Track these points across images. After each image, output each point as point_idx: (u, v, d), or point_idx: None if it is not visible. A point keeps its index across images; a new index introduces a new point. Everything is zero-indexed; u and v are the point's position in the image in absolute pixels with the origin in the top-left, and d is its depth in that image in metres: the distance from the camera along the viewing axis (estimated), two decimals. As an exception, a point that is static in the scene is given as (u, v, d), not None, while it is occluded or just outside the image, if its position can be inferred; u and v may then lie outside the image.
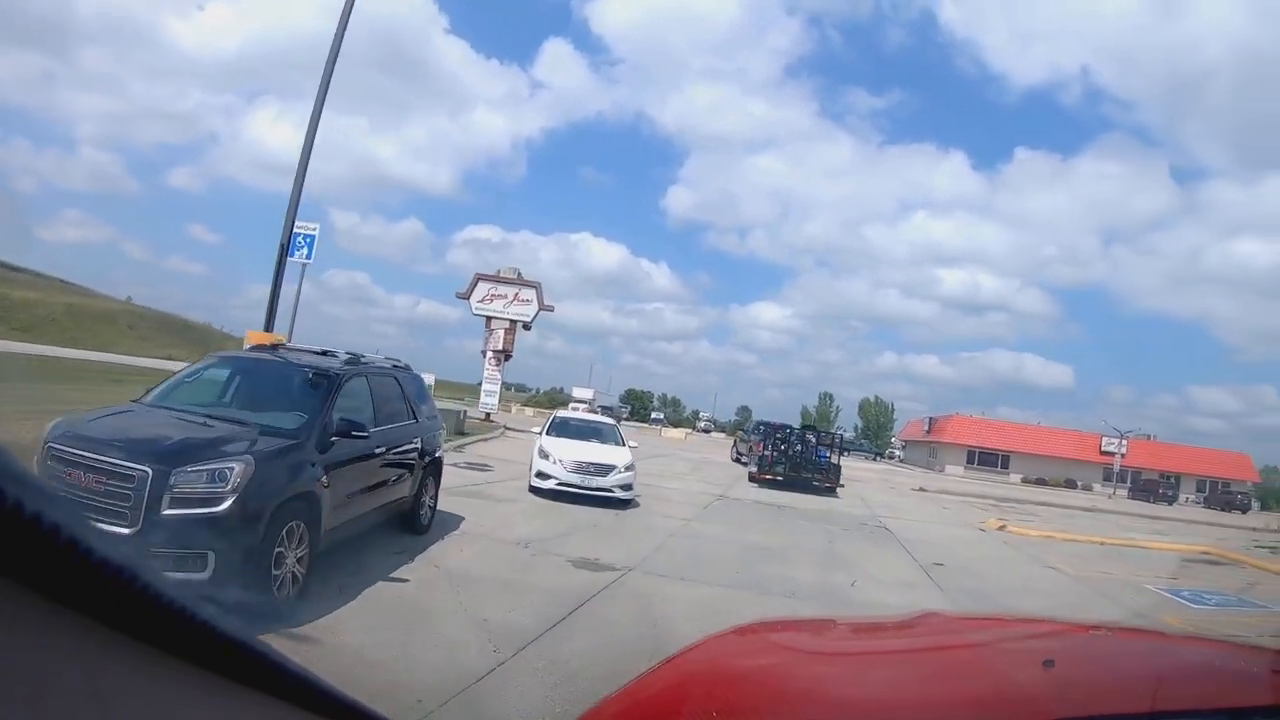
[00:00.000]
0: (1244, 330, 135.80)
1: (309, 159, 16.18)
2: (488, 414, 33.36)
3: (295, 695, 0.96)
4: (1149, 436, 66.53)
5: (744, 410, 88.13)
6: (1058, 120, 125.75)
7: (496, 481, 15.24)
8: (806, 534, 14.12)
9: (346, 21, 15.69)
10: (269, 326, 15.91)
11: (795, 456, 24.01)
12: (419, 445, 9.18)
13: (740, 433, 41.53)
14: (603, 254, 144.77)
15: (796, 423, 33.15)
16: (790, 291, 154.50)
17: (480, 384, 35.61)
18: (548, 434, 15.35)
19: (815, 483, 23.21)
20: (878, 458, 77.31)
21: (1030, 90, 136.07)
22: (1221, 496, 55.54)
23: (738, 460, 32.83)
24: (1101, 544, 17.33)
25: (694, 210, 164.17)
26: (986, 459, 67.11)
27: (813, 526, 15.32)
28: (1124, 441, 56.82)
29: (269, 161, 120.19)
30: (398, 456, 8.55)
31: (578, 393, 72.16)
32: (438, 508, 9.88)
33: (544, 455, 14.15)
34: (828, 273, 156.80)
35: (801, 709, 1.78)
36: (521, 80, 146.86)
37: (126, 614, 0.75)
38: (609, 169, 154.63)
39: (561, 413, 18.28)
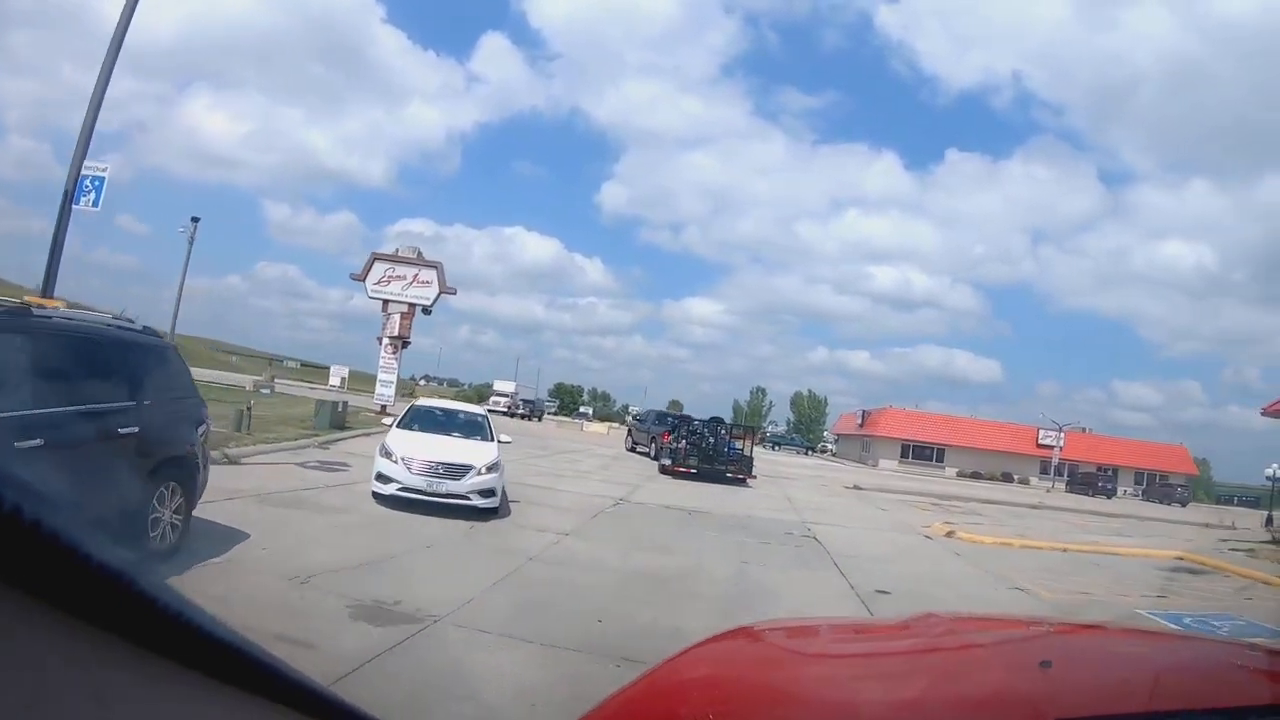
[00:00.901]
0: (1168, 328, 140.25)
1: (104, 94, 13.35)
2: (383, 406, 30.02)
3: (291, 699, 0.96)
4: (1084, 429, 66.15)
5: (675, 404, 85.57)
6: (989, 123, 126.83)
7: (341, 485, 12.47)
8: (715, 551, 11.19)
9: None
10: (48, 290, 12.74)
11: (707, 449, 23.96)
12: (139, 438, 6.67)
13: (635, 421, 38.96)
14: (537, 248, 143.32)
15: (728, 417, 32.33)
16: (723, 287, 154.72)
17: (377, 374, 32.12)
18: (399, 427, 12.37)
19: (729, 474, 23.35)
20: (810, 452, 76.07)
21: (963, 93, 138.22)
22: (1160, 489, 55.36)
23: (633, 450, 32.37)
24: (1065, 551, 15.17)
25: (628, 205, 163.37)
26: (921, 452, 66.15)
27: (724, 539, 12.40)
28: (1061, 434, 55.84)
29: (201, 151, 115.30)
30: (92, 453, 6.22)
31: (499, 386, 69.26)
32: (213, 521, 7.99)
33: (386, 454, 11.19)
34: (761, 269, 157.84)
35: (798, 712, 1.70)
36: (458, 73, 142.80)
37: (125, 618, 0.75)
38: (544, 163, 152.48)
39: (423, 401, 15.07)
